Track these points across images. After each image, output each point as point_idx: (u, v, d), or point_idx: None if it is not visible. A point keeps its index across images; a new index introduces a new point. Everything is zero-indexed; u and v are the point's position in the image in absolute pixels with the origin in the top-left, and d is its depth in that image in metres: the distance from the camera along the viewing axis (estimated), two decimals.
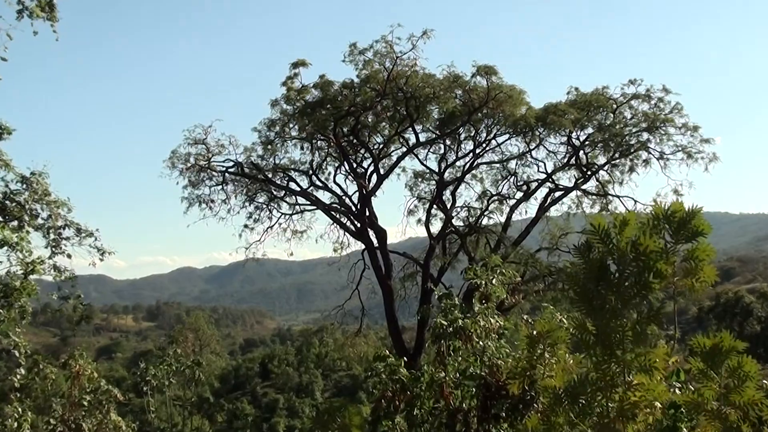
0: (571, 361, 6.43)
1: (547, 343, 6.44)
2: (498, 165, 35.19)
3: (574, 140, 33.40)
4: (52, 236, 15.29)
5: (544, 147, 33.95)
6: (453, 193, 34.90)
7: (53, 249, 15.33)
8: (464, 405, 9.66)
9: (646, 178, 43.44)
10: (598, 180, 34.39)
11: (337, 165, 34.92)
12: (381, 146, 34.87)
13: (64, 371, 18.85)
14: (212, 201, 33.47)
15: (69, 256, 15.48)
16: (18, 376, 16.04)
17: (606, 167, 33.68)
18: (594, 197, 34.76)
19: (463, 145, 34.74)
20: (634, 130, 32.23)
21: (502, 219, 34.74)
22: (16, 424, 15.57)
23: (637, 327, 4.58)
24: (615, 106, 32.22)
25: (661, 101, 31.77)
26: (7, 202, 14.54)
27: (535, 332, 6.52)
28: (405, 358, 10.90)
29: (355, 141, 33.78)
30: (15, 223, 14.53)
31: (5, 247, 14.14)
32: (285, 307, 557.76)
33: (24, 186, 14.78)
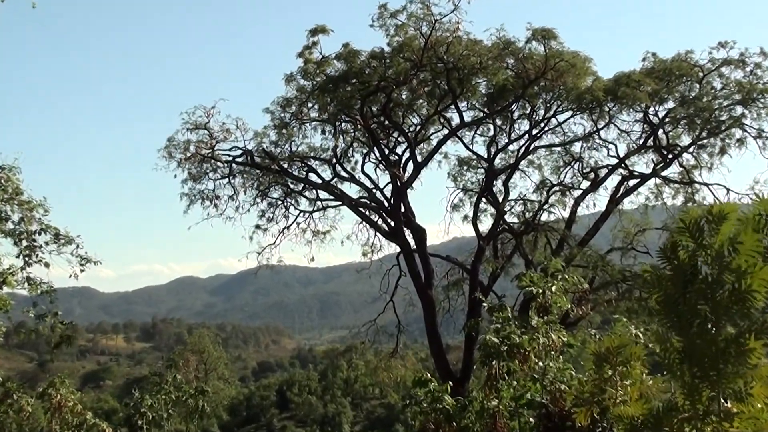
0: (651, 385, 6.34)
1: (619, 361, 6.35)
2: (559, 148, 35.05)
3: (651, 117, 33.13)
4: (25, 243, 15.11)
5: (615, 126, 33.78)
6: (506, 184, 34.75)
7: (26, 258, 15.14)
8: None
9: (740, 161, 42.86)
10: (681, 165, 34.09)
11: (365, 152, 34.92)
12: (418, 128, 34.79)
13: (43, 403, 18.85)
14: (217, 197, 33.56)
15: (47, 265, 15.30)
16: None
17: (691, 149, 33.37)
18: (677, 186, 34.47)
19: (516, 126, 34.67)
20: (725, 103, 31.88)
21: (566, 214, 34.64)
22: None
23: (736, 343, 4.48)
24: (701, 74, 31.84)
25: (758, 67, 31.42)
26: None
27: (603, 349, 6.43)
28: (450, 383, 10.85)
29: (386, 122, 33.72)
30: None
31: None
32: (306, 323, 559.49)
33: None
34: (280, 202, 35.06)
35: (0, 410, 17.33)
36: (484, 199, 34.96)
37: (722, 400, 4.64)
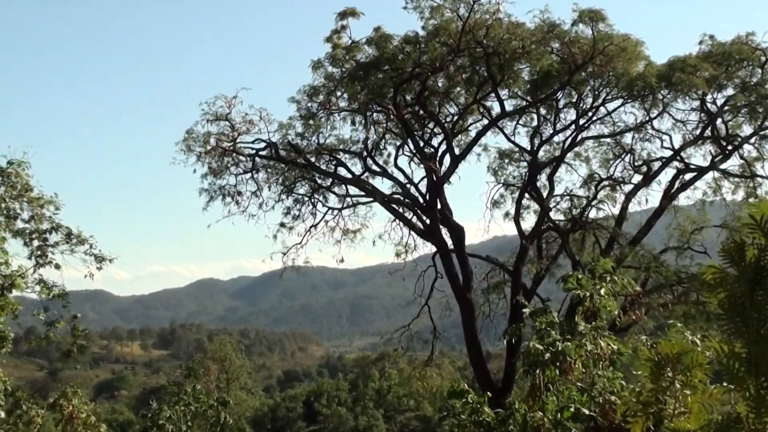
0: (712, 395, 6.25)
1: (678, 370, 6.28)
2: (609, 140, 34.87)
3: (709, 105, 32.83)
4: (36, 243, 15.08)
5: (670, 115, 33.49)
6: (550, 178, 34.61)
7: (38, 258, 15.11)
8: None
9: None
10: (742, 157, 33.77)
11: (398, 144, 34.87)
12: (455, 118, 34.70)
13: (54, 414, 18.89)
14: (239, 193, 33.58)
15: (57, 266, 15.27)
16: None
17: (753, 140, 33.06)
18: (737, 179, 34.20)
19: (562, 115, 34.53)
20: None
21: (616, 210, 34.48)
22: None
23: None
24: (764, 58, 31.54)
25: None
26: None
27: (659, 355, 6.36)
28: (490, 394, 10.82)
29: (421, 112, 33.67)
30: None
31: None
32: (335, 328, 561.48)
33: None
34: (306, 199, 35.09)
35: (9, 422, 17.30)
36: (527, 195, 34.87)
37: None
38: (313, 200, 35.11)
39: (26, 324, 17.46)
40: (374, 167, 34.35)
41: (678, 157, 33.69)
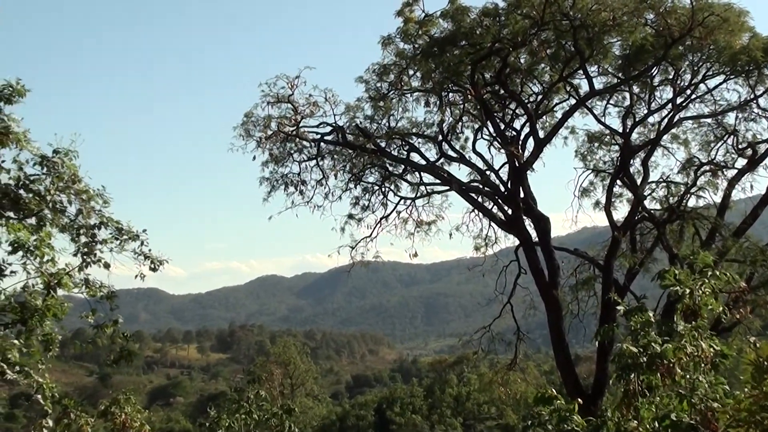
0: None
1: None
2: (709, 120, 34.53)
3: None
4: (83, 238, 15.10)
5: None
6: (645, 163, 34.37)
7: (85, 256, 15.14)
8: None
9: None
10: None
11: (477, 127, 34.81)
12: (539, 98, 34.53)
13: (105, 422, 19.06)
14: (303, 182, 33.75)
15: (107, 265, 15.30)
16: (43, 430, 16.17)
17: None
18: None
19: (657, 93, 34.17)
20: None
21: (718, 198, 34.10)
22: None
23: None
24: None
25: None
26: (21, 191, 14.25)
27: (762, 358, 6.37)
28: (580, 401, 10.82)
29: (502, 92, 33.58)
30: (33, 220, 14.46)
31: (20, 253, 14.20)
32: (409, 329, 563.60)
33: (44, 170, 14.42)
34: (376, 188, 35.16)
35: (57, 431, 17.42)
36: (619, 182, 34.67)
37: None
38: (383, 189, 35.19)
39: (74, 326, 17.67)
40: (450, 152, 34.40)
41: None
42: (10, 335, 14.78)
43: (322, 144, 33.42)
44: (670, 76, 33.03)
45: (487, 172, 34.11)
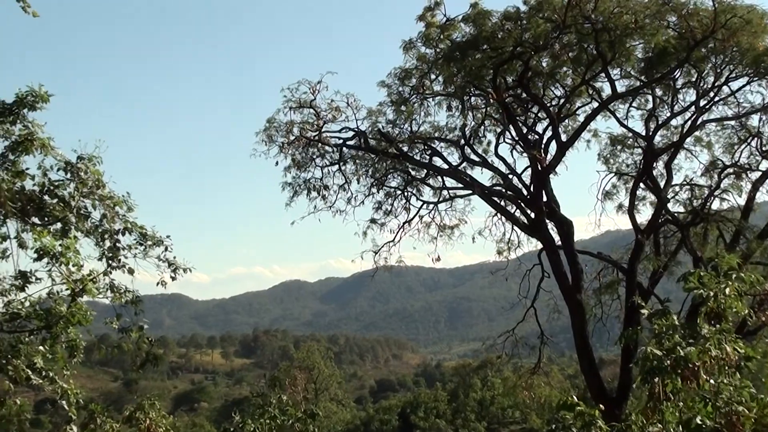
0: None
1: None
2: (733, 122, 34.39)
3: None
4: (108, 243, 15.10)
5: None
6: (668, 166, 34.32)
7: (110, 261, 15.14)
8: None
9: None
10: None
11: (499, 131, 34.77)
12: (561, 101, 34.45)
13: (130, 428, 19.12)
14: (326, 187, 33.72)
15: (131, 271, 15.29)
16: None
17: None
18: None
19: (680, 96, 34.05)
20: None
21: (742, 201, 34.03)
22: None
23: None
24: None
25: None
26: (46, 197, 14.27)
27: None
28: (603, 405, 10.80)
29: (524, 95, 33.54)
30: (58, 225, 14.47)
31: (45, 259, 14.21)
32: (432, 334, 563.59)
33: (69, 175, 14.38)
34: (399, 192, 35.11)
35: None
36: (642, 185, 34.61)
37: None
38: (406, 194, 35.13)
39: (98, 331, 17.61)
40: (473, 156, 34.33)
41: None
42: (36, 341, 14.83)
43: (344, 149, 33.44)
44: (693, 79, 32.95)
45: (510, 176, 34.07)
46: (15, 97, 13.78)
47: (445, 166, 34.03)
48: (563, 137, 33.70)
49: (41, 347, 14.59)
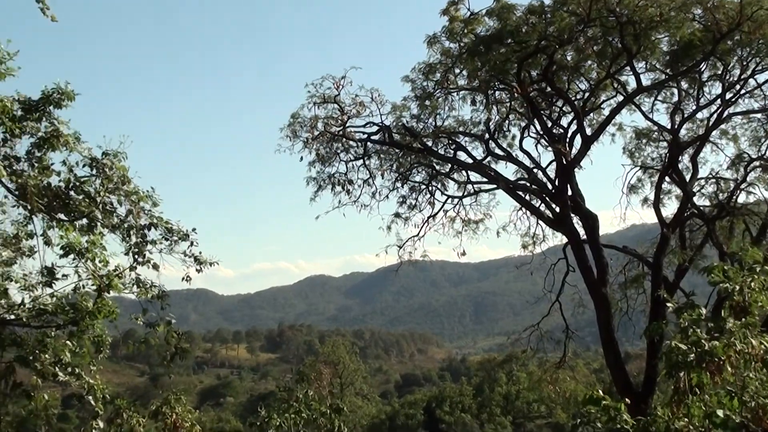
0: None
1: None
2: (759, 115, 34.21)
3: None
4: (134, 239, 15.11)
5: None
6: (694, 160, 34.16)
7: (135, 256, 15.16)
8: None
9: None
10: None
11: (523, 125, 34.69)
12: (586, 95, 34.25)
13: (156, 423, 19.12)
14: (350, 182, 33.65)
15: (156, 267, 15.31)
16: (94, 430, 16.22)
17: None
18: None
19: (706, 89, 33.93)
20: None
21: None
22: None
23: None
24: None
25: None
26: (72, 193, 14.39)
27: None
28: (629, 399, 10.76)
29: (548, 89, 33.39)
30: (83, 221, 14.49)
31: (71, 255, 14.25)
32: (457, 328, 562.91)
33: (94, 171, 14.53)
34: (423, 187, 35.06)
35: (109, 431, 17.43)
36: (667, 179, 34.44)
37: None
38: (430, 188, 35.08)
39: (124, 327, 17.63)
40: (497, 151, 34.27)
41: None
42: (62, 336, 14.89)
43: (368, 144, 33.35)
44: (719, 72, 32.76)
45: (535, 170, 34.03)
46: (41, 93, 13.83)
47: (470, 161, 33.97)
48: (588, 131, 33.52)
49: (68, 342, 14.64)
